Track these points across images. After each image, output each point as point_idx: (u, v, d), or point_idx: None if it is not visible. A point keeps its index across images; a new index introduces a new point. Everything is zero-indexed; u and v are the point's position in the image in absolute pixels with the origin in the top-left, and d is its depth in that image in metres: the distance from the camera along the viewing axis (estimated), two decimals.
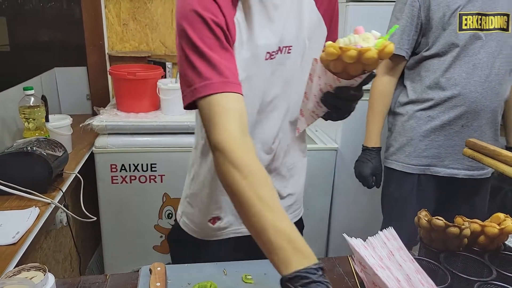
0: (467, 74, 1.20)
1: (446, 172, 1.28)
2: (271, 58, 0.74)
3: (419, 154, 1.29)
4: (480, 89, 1.20)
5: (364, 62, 0.55)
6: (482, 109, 1.21)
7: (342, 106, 0.65)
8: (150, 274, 0.75)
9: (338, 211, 1.93)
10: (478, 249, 0.72)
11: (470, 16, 1.18)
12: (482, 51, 1.18)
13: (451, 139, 1.26)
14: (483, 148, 0.94)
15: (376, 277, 0.45)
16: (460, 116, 1.23)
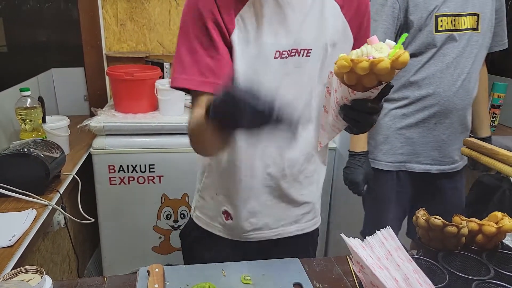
0: (440, 73, 1.23)
1: (421, 168, 1.32)
2: (282, 58, 0.74)
3: (395, 152, 1.33)
4: (453, 88, 1.23)
5: (378, 73, 0.53)
6: (454, 107, 1.24)
7: (361, 119, 0.62)
8: (148, 275, 0.75)
9: (337, 211, 1.93)
10: (476, 248, 0.73)
11: (445, 17, 1.21)
12: (455, 51, 1.22)
13: (425, 136, 1.29)
14: (480, 147, 0.95)
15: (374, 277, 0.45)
16: (433, 114, 1.26)
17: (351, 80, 0.57)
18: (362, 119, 0.62)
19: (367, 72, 0.53)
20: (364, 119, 0.62)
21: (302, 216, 0.91)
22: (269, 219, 0.88)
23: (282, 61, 0.74)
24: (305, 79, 0.77)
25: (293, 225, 0.90)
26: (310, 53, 0.75)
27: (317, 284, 0.75)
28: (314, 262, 0.84)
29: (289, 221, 0.90)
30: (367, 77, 0.55)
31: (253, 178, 0.83)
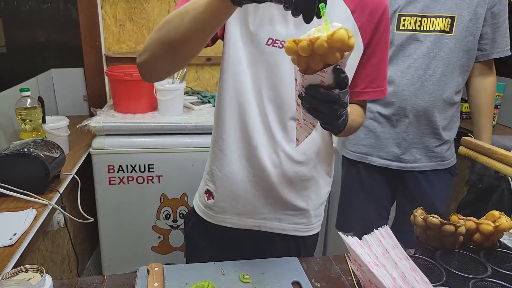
0: (401, 73, 1.25)
1: (381, 163, 1.35)
2: (273, 46, 0.74)
3: (358, 142, 1.38)
4: (412, 88, 1.24)
5: (318, 52, 0.52)
6: (413, 107, 1.26)
7: (318, 107, 0.58)
8: (148, 274, 0.75)
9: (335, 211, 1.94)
10: (473, 246, 0.73)
11: (409, 17, 1.22)
12: (418, 52, 1.22)
13: (386, 132, 1.32)
14: (478, 146, 0.95)
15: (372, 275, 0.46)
16: (393, 112, 1.29)
17: (301, 64, 0.56)
18: (319, 107, 0.58)
19: (311, 54, 0.52)
20: (322, 107, 0.58)
21: (287, 217, 0.88)
22: (251, 207, 0.86)
23: (274, 49, 0.75)
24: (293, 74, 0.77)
25: (275, 222, 0.88)
26: None
27: (315, 283, 0.76)
28: (312, 261, 0.85)
29: (272, 217, 0.88)
30: (312, 59, 0.54)
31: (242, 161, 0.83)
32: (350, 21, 0.75)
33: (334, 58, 0.53)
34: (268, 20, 0.75)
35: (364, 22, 0.76)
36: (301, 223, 0.90)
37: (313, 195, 0.89)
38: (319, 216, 0.94)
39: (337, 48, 0.51)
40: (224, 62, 0.80)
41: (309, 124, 0.67)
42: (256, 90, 0.79)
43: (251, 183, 0.84)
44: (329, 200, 1.92)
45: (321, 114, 0.59)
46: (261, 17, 0.75)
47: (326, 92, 0.56)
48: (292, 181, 0.85)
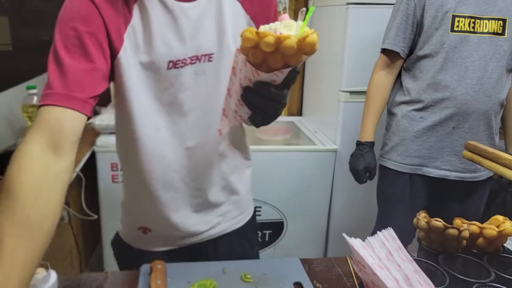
0: (458, 77, 1.22)
1: (437, 173, 1.30)
2: (176, 67, 0.69)
3: (411, 154, 1.32)
4: (472, 92, 1.22)
5: (283, 52, 0.47)
6: (473, 111, 1.23)
7: (262, 105, 0.54)
8: (151, 272, 0.76)
9: (337, 212, 1.94)
10: (477, 251, 0.73)
11: (463, 18, 1.20)
12: (474, 54, 1.20)
13: (442, 141, 1.28)
14: (482, 150, 0.95)
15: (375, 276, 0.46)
16: (450, 118, 1.25)
17: (256, 58, 0.50)
18: (263, 106, 0.54)
19: (273, 50, 0.48)
20: (266, 106, 0.54)
21: (223, 217, 0.87)
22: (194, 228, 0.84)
23: (177, 71, 0.69)
24: (210, 85, 0.72)
25: (216, 227, 0.87)
26: (212, 58, 0.70)
27: (317, 284, 0.76)
28: (314, 262, 0.85)
29: (212, 224, 0.86)
30: (272, 56, 0.49)
31: (167, 191, 0.79)
32: (242, 14, 0.72)
33: (297, 61, 0.50)
34: (162, 42, 0.68)
35: (256, 12, 0.73)
36: (235, 216, 0.90)
37: (239, 184, 0.87)
38: (249, 201, 0.93)
39: (304, 51, 0.48)
40: (121, 106, 0.73)
41: (238, 117, 0.62)
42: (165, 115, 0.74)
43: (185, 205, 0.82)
44: (330, 201, 1.92)
45: (262, 112, 0.56)
46: (153, 42, 0.67)
47: (276, 93, 0.53)
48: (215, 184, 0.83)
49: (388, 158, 1.37)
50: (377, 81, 1.35)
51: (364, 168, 1.35)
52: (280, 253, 1.94)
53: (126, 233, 0.90)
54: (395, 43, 1.29)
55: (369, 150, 1.36)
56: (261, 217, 1.87)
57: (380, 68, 1.35)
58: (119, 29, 0.65)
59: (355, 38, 1.72)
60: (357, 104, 1.79)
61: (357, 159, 1.36)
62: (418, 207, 1.34)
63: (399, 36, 1.27)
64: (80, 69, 0.61)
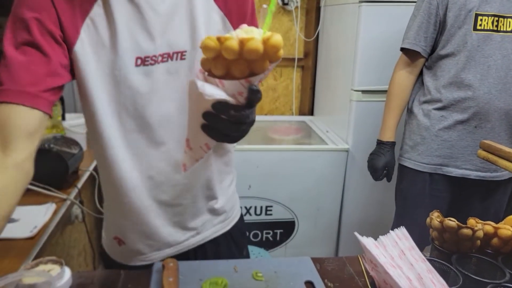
0: (481, 76, 1.19)
1: (458, 173, 1.28)
2: (145, 65, 0.64)
3: (431, 153, 1.30)
4: (494, 91, 1.19)
5: (248, 57, 0.43)
6: (495, 110, 1.20)
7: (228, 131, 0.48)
8: (163, 270, 0.77)
9: (349, 212, 1.93)
10: (491, 251, 0.72)
11: (486, 17, 1.17)
12: (497, 53, 1.18)
13: (463, 140, 1.25)
14: (498, 150, 0.93)
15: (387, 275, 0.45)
16: (472, 117, 1.23)
17: (219, 69, 0.45)
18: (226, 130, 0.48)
19: (236, 58, 0.43)
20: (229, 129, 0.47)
21: (203, 226, 0.84)
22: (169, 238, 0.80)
23: (145, 68, 0.64)
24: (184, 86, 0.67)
25: (195, 237, 0.84)
26: (185, 56, 0.66)
27: (328, 283, 0.75)
28: (325, 261, 0.84)
29: (191, 234, 0.83)
30: (236, 64, 0.44)
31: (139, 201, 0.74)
32: (214, 9, 0.68)
33: (262, 67, 0.45)
34: (128, 37, 0.63)
35: (231, 7, 0.68)
36: (219, 222, 0.86)
37: (219, 191, 0.83)
38: (233, 207, 0.89)
39: (270, 55, 0.43)
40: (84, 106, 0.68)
41: (204, 146, 0.54)
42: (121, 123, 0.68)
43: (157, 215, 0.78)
44: (341, 200, 1.91)
45: (226, 137, 0.49)
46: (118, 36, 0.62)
47: (237, 115, 0.46)
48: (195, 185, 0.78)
49: (408, 158, 1.36)
50: (398, 80, 1.34)
51: (383, 167, 1.35)
52: (291, 253, 1.94)
53: (106, 241, 0.87)
54: (415, 43, 1.27)
55: (390, 150, 1.36)
56: (272, 216, 1.87)
57: (401, 67, 1.34)
58: (75, 21, 0.61)
59: (368, 37, 1.71)
60: (370, 103, 1.78)
61: (378, 157, 1.37)
62: (438, 207, 1.32)
63: (420, 35, 1.26)
64: (28, 62, 0.57)
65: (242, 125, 0.48)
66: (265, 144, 1.90)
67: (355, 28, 1.73)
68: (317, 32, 2.24)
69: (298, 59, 2.32)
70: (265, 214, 1.86)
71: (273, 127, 2.20)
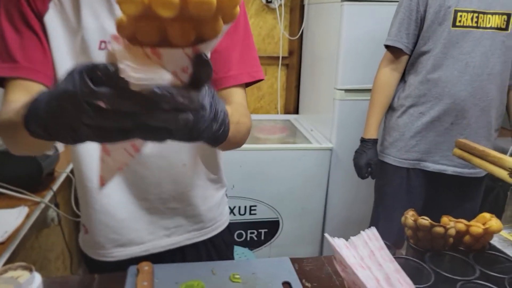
0: (458, 72, 1.21)
1: (435, 168, 1.30)
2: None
3: (410, 149, 1.32)
4: (470, 88, 1.21)
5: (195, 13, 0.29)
6: (471, 107, 1.22)
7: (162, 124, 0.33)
8: (138, 273, 0.75)
9: (333, 210, 1.94)
10: (464, 248, 0.73)
11: (466, 13, 1.18)
12: (476, 50, 1.19)
13: (441, 136, 1.28)
14: (472, 148, 0.95)
15: (356, 276, 0.45)
16: (448, 113, 1.24)
17: (148, 34, 0.31)
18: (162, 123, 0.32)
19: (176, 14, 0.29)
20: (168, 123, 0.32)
21: (176, 229, 0.81)
22: (134, 234, 0.77)
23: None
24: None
25: (164, 239, 0.80)
26: None
27: (306, 283, 0.75)
28: (304, 261, 0.84)
29: (160, 235, 0.79)
30: (176, 25, 0.30)
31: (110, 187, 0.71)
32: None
33: (215, 28, 0.31)
34: (92, 17, 0.61)
35: None
36: (199, 229, 0.83)
37: (198, 199, 0.80)
38: (214, 219, 0.85)
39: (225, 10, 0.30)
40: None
41: (129, 148, 0.38)
42: None
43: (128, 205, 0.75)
44: (325, 199, 1.92)
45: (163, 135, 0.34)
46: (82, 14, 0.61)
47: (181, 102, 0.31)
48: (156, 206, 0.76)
49: (387, 154, 1.38)
50: (381, 78, 1.35)
51: (366, 164, 1.37)
52: (276, 252, 1.94)
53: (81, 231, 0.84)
54: (397, 39, 1.28)
55: (372, 147, 1.38)
56: (257, 215, 1.87)
57: (385, 64, 1.35)
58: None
59: (350, 35, 1.72)
60: (353, 102, 1.79)
61: (360, 155, 1.38)
62: (415, 202, 1.35)
63: (402, 32, 1.27)
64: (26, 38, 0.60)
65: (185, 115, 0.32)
66: (249, 143, 1.89)
67: (338, 27, 1.74)
68: (302, 30, 2.24)
69: (283, 58, 2.32)
70: (249, 213, 1.86)
71: (258, 126, 2.19)
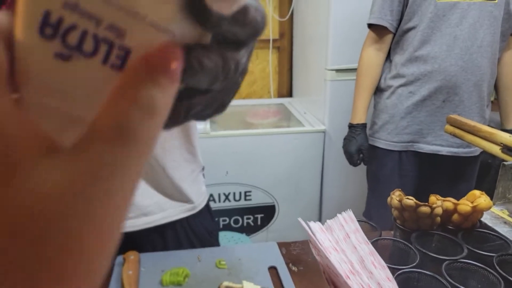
0: (447, 47, 1.17)
1: (429, 149, 1.27)
2: None
3: (401, 131, 1.28)
4: (461, 62, 1.17)
5: None
6: (463, 82, 1.18)
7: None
8: (124, 263, 0.75)
9: (329, 193, 1.93)
10: (453, 227, 0.71)
11: None
12: (464, 22, 1.15)
13: (433, 115, 1.24)
14: (464, 124, 0.92)
15: (328, 260, 0.44)
16: (440, 91, 1.20)
17: None
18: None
19: None
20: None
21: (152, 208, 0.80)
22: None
23: None
24: None
25: (141, 217, 0.79)
26: None
27: (292, 267, 0.75)
28: (292, 245, 0.84)
29: (136, 214, 0.78)
30: None
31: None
32: None
33: None
34: None
35: None
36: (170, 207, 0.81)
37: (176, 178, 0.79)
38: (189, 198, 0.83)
39: None
40: None
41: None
42: None
43: None
44: (321, 182, 1.91)
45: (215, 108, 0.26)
46: None
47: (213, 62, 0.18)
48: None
49: (378, 137, 1.34)
50: (366, 59, 1.31)
51: (357, 151, 1.33)
52: (273, 237, 1.95)
53: None
54: (380, 17, 1.24)
55: (361, 132, 1.33)
56: (252, 201, 1.86)
57: (369, 44, 1.30)
58: None
59: (339, 14, 1.67)
60: (344, 82, 1.75)
61: (350, 141, 1.34)
62: (408, 186, 1.32)
63: (385, 9, 1.22)
64: None
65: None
66: (242, 129, 1.88)
67: (327, 5, 1.69)
68: (291, 11, 2.19)
69: (274, 40, 2.27)
70: (244, 199, 1.85)
71: (251, 111, 2.17)
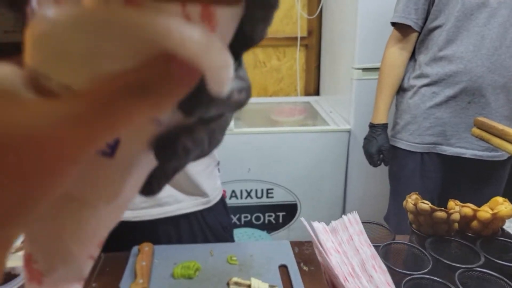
0: (474, 47, 1.11)
1: (452, 151, 1.22)
2: None
3: (423, 133, 1.24)
4: (488, 63, 1.11)
5: None
6: (489, 84, 1.12)
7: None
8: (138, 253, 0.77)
9: (353, 194, 1.90)
10: (472, 234, 0.68)
11: None
12: (492, 21, 1.09)
13: (457, 117, 1.19)
14: (491, 127, 0.87)
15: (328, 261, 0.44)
16: (465, 92, 1.15)
17: None
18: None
19: None
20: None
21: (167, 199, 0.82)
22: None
23: None
24: None
25: (156, 208, 0.82)
26: None
27: (303, 267, 0.74)
28: (305, 244, 0.83)
29: (151, 204, 0.81)
30: None
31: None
32: None
33: None
34: None
35: None
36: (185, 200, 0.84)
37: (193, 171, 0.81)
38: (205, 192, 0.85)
39: None
40: None
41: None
42: None
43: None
44: (345, 181, 1.88)
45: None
46: None
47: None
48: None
49: (399, 138, 1.30)
50: (389, 58, 1.27)
51: (377, 151, 1.30)
52: (294, 235, 1.94)
53: None
54: (405, 16, 1.20)
55: (382, 132, 1.30)
56: (274, 199, 1.87)
57: (392, 44, 1.27)
58: None
59: (367, 12, 1.63)
60: (371, 82, 1.71)
61: (370, 142, 1.32)
62: (430, 188, 1.27)
63: (410, 7, 1.19)
64: None
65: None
66: (266, 126, 1.88)
67: (355, 3, 1.65)
68: (320, 9, 2.16)
69: (302, 38, 2.25)
70: (266, 197, 1.86)
71: (277, 108, 2.16)
